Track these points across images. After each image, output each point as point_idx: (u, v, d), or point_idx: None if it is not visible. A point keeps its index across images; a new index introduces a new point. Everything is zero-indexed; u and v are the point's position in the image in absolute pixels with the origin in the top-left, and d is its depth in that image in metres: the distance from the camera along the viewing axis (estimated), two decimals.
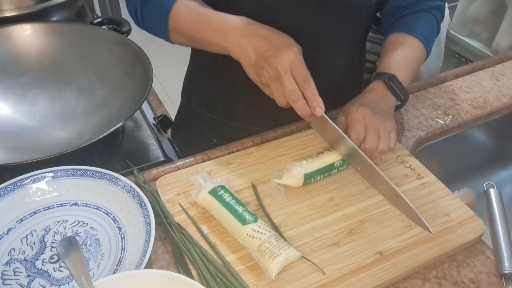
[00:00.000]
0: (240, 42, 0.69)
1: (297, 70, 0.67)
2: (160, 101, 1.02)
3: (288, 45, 0.68)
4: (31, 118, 0.94)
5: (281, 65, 0.66)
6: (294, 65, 0.67)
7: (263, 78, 0.69)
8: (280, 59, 0.66)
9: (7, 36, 0.97)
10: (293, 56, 0.67)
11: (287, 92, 0.67)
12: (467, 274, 0.65)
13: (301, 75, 0.67)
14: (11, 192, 0.68)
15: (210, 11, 0.75)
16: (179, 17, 0.75)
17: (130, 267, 0.61)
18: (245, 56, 0.69)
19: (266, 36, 0.69)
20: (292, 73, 0.67)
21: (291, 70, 0.67)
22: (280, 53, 0.66)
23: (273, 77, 0.68)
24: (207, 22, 0.73)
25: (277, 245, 0.61)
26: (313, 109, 0.68)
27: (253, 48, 0.68)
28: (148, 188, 0.72)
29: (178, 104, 1.09)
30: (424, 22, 0.87)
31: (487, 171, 1.05)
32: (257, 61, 0.68)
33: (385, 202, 0.72)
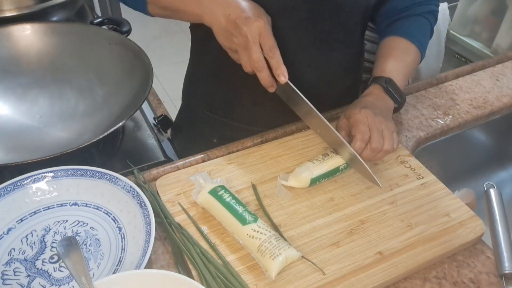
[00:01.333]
0: (212, 9, 0.71)
1: (265, 39, 0.69)
2: (160, 101, 1.02)
3: (258, 15, 0.70)
4: (31, 118, 0.94)
5: (250, 33, 0.68)
6: (262, 34, 0.69)
7: (232, 44, 0.71)
8: (249, 27, 0.68)
9: (7, 36, 0.97)
10: (262, 25, 0.68)
11: (252, 60, 0.69)
12: (467, 274, 0.65)
13: (267, 44, 0.69)
14: (11, 192, 0.68)
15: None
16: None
17: (130, 267, 0.61)
18: (217, 22, 0.71)
19: (237, 4, 0.71)
20: (259, 42, 0.69)
21: (259, 39, 0.69)
22: (250, 21, 0.68)
23: (242, 44, 0.69)
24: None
25: (277, 245, 0.61)
26: (277, 77, 0.70)
27: (224, 14, 0.70)
28: (148, 188, 0.72)
29: (178, 104, 1.09)
30: (419, 26, 0.88)
31: (487, 171, 1.05)
32: (227, 27, 0.70)
33: (385, 202, 0.72)
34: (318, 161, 0.74)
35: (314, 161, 0.74)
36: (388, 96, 0.80)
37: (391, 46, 0.86)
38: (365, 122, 0.73)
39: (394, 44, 0.86)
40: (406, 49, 0.85)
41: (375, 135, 0.72)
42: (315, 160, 0.74)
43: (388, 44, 0.87)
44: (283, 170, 0.76)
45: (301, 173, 0.72)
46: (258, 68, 0.70)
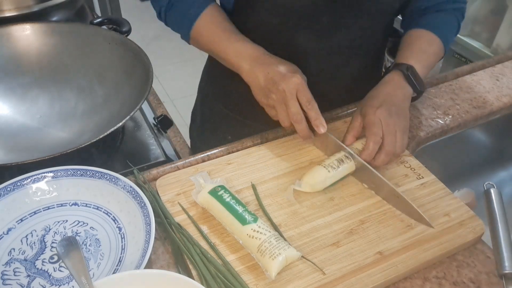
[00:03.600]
0: (253, 67, 0.77)
1: (302, 93, 0.72)
2: (160, 101, 1.02)
3: (294, 72, 0.74)
4: (31, 118, 0.94)
5: (287, 88, 0.72)
6: (299, 89, 0.72)
7: (270, 100, 0.75)
8: (287, 83, 0.72)
9: (7, 36, 0.97)
10: (298, 81, 0.72)
11: (291, 113, 0.73)
12: (467, 274, 0.65)
13: (305, 97, 0.72)
14: (11, 192, 0.68)
15: (232, 32, 0.81)
16: (202, 32, 0.82)
17: (130, 267, 0.61)
18: (256, 80, 0.76)
19: (275, 63, 0.76)
20: (297, 97, 0.72)
21: (296, 93, 0.72)
22: (287, 78, 0.72)
23: (279, 100, 0.73)
24: (227, 43, 0.80)
25: (277, 245, 0.61)
26: (316, 127, 0.73)
27: (264, 73, 0.75)
28: (148, 188, 0.72)
29: (178, 104, 1.09)
30: (444, 20, 0.88)
31: (487, 171, 1.05)
32: (266, 85, 0.74)
33: (385, 202, 0.72)
34: (333, 168, 0.72)
35: (329, 169, 0.72)
36: (408, 84, 0.81)
37: (415, 36, 0.87)
38: (379, 124, 0.73)
39: (418, 35, 0.87)
40: (429, 40, 0.86)
41: (388, 138, 0.73)
42: (330, 167, 0.72)
43: (413, 35, 0.87)
44: (283, 170, 0.76)
45: (317, 184, 0.71)
46: (297, 120, 0.73)
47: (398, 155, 0.75)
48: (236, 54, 0.79)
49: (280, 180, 0.75)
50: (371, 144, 0.73)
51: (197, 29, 0.82)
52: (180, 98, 2.59)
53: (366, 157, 0.73)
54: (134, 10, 3.21)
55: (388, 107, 0.75)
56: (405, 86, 0.81)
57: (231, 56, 0.79)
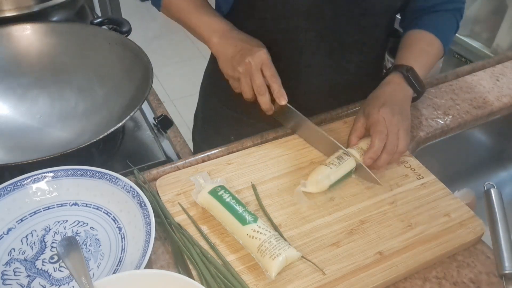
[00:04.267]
0: (222, 40, 0.80)
1: (267, 66, 0.76)
2: (160, 101, 1.02)
3: (260, 47, 0.78)
4: (31, 118, 0.94)
5: (253, 61, 0.75)
6: (264, 63, 0.76)
7: (236, 72, 0.77)
8: (253, 57, 0.75)
9: (7, 36, 0.97)
10: (264, 56, 0.76)
11: (256, 85, 0.76)
12: (467, 274, 0.65)
13: (270, 71, 0.76)
14: (11, 192, 0.68)
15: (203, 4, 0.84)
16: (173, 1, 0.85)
17: (130, 267, 0.61)
18: (224, 52, 0.79)
19: (245, 39, 0.79)
20: (261, 70, 0.76)
21: (261, 67, 0.76)
22: (253, 52, 0.76)
23: (245, 72, 0.76)
24: (197, 14, 0.83)
25: (277, 245, 0.61)
26: (278, 98, 0.76)
27: (232, 45, 0.78)
28: (148, 188, 0.72)
29: (178, 104, 1.09)
30: (443, 21, 0.89)
31: (487, 171, 1.05)
32: (233, 56, 0.77)
33: (385, 202, 0.72)
34: (335, 165, 0.73)
35: (331, 166, 0.73)
36: (408, 85, 0.81)
37: (415, 37, 0.87)
38: (383, 122, 0.74)
39: (417, 36, 0.87)
40: (429, 41, 0.86)
41: (390, 137, 0.74)
42: (332, 165, 0.73)
43: (412, 35, 0.88)
44: (283, 170, 0.76)
45: (321, 181, 0.71)
46: (261, 92, 0.76)
47: (400, 154, 0.75)
48: (206, 27, 0.82)
49: (280, 180, 0.75)
50: (376, 141, 0.73)
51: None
52: (180, 98, 2.59)
53: (372, 155, 0.74)
54: (134, 10, 3.21)
55: (390, 106, 0.76)
56: (406, 87, 0.81)
57: (201, 28, 0.82)
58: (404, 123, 0.76)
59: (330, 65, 0.89)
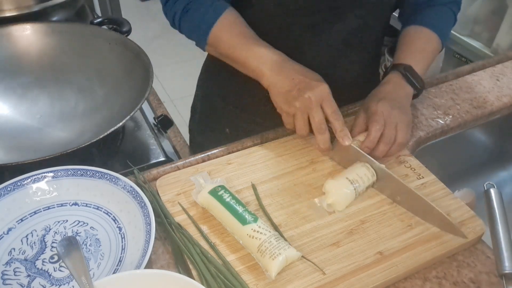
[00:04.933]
0: (275, 72, 0.75)
1: (328, 103, 0.72)
2: (160, 101, 1.02)
3: (320, 81, 0.74)
4: (31, 118, 0.94)
5: (314, 96, 0.71)
6: (325, 99, 0.72)
7: (292, 107, 0.73)
8: (314, 91, 0.71)
9: (7, 36, 0.97)
10: (325, 91, 0.72)
11: (316, 122, 0.72)
12: (467, 274, 0.65)
13: (331, 108, 0.72)
14: (11, 192, 0.68)
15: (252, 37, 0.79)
16: (220, 37, 0.80)
17: (130, 267, 0.61)
18: (278, 84, 0.74)
19: (301, 72, 0.75)
20: (321, 106, 0.72)
21: (321, 103, 0.72)
22: (314, 86, 0.72)
23: (303, 107, 0.72)
24: (247, 47, 0.78)
25: (277, 245, 0.61)
26: (341, 139, 0.73)
27: (288, 79, 0.74)
28: (148, 188, 0.72)
29: (178, 104, 1.10)
30: (440, 15, 0.89)
31: (487, 171, 1.05)
32: (290, 90, 0.73)
33: (385, 202, 0.72)
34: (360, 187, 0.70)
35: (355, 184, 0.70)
36: (407, 83, 0.82)
37: (413, 34, 0.87)
38: (381, 113, 0.75)
39: (415, 33, 0.87)
40: (427, 38, 0.87)
41: (388, 128, 0.74)
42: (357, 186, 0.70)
43: (410, 32, 0.88)
44: (283, 170, 0.76)
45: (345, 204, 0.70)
46: (321, 130, 0.72)
47: (399, 145, 0.75)
48: (257, 59, 0.77)
49: (280, 180, 0.75)
50: (372, 130, 0.74)
51: (214, 35, 0.80)
52: (180, 98, 2.59)
53: (368, 144, 0.74)
54: (134, 10, 3.21)
55: (389, 101, 0.77)
56: (405, 86, 0.82)
57: (251, 60, 0.77)
58: (404, 117, 0.76)
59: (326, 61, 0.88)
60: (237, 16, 0.82)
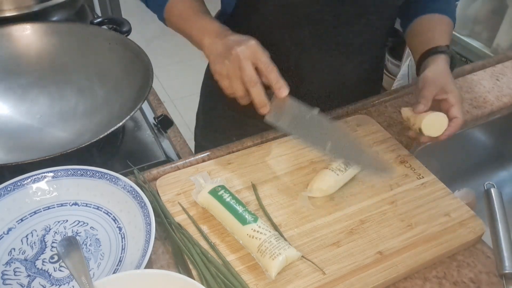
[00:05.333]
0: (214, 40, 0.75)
1: (258, 56, 0.69)
2: (160, 101, 1.02)
3: (251, 39, 0.71)
4: (31, 118, 0.94)
5: (241, 51, 0.69)
6: (254, 52, 0.69)
7: (224, 68, 0.70)
8: (241, 47, 0.69)
9: (7, 36, 0.97)
10: (253, 44, 0.69)
11: (246, 77, 0.68)
12: (467, 274, 0.65)
13: (263, 61, 0.69)
14: (11, 192, 0.68)
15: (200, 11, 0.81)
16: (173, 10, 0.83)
17: (130, 267, 0.61)
18: (213, 49, 0.73)
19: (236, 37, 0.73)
20: (252, 61, 0.69)
21: (251, 57, 0.69)
22: (242, 42, 0.70)
23: (233, 65, 0.69)
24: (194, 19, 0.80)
25: (277, 245, 0.61)
26: (278, 90, 0.69)
27: (224, 43, 0.72)
28: (148, 188, 0.72)
29: (178, 104, 1.09)
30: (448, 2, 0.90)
31: (487, 171, 1.05)
32: (222, 51, 0.71)
33: (385, 202, 0.72)
34: (341, 171, 0.72)
35: (337, 172, 0.72)
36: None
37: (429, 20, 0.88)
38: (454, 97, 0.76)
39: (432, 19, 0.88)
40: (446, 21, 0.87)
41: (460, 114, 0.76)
42: (338, 171, 0.72)
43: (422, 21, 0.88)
44: (283, 170, 0.76)
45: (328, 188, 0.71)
46: (251, 83, 0.68)
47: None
48: (200, 30, 0.78)
49: (280, 180, 0.75)
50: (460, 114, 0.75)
51: (169, 8, 0.83)
52: (180, 98, 2.59)
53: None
54: (134, 10, 3.20)
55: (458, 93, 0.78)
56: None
57: (195, 31, 0.79)
58: None
59: (330, 64, 0.89)
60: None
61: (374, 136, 0.83)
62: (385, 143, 0.82)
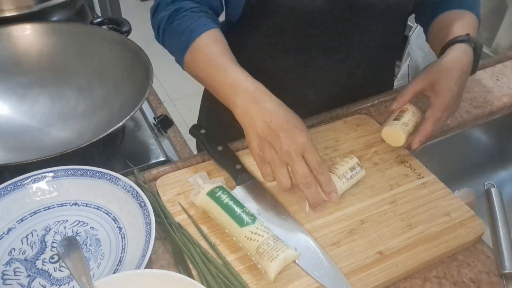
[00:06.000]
0: (249, 108, 0.66)
1: (311, 154, 0.64)
2: (160, 101, 1.02)
3: (301, 128, 0.65)
4: (31, 118, 0.94)
5: (293, 149, 0.63)
6: (306, 149, 0.64)
7: (266, 155, 0.65)
8: (292, 143, 0.63)
9: (7, 36, 0.97)
10: (306, 141, 0.64)
11: (299, 176, 0.64)
12: (467, 274, 0.65)
13: (315, 160, 0.64)
14: (12, 192, 0.68)
15: (228, 62, 0.70)
16: (197, 57, 0.73)
17: (130, 267, 0.61)
18: (252, 124, 0.66)
19: (277, 111, 0.65)
20: (304, 157, 0.64)
21: (302, 152, 0.64)
22: (294, 136, 0.63)
23: (280, 159, 0.64)
24: (221, 73, 0.70)
25: (275, 246, 0.61)
26: (328, 194, 0.66)
27: (264, 120, 0.64)
28: (148, 188, 0.72)
29: (178, 104, 1.09)
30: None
31: (487, 171, 1.05)
32: (265, 136, 0.64)
33: (385, 202, 0.72)
34: (347, 179, 0.71)
35: (343, 180, 0.70)
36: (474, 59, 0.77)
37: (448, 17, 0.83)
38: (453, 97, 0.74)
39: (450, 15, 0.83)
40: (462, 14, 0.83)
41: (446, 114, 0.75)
42: (344, 178, 0.71)
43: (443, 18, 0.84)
44: None
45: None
46: (307, 184, 0.64)
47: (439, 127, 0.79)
48: (231, 85, 0.68)
49: None
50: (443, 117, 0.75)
51: (194, 49, 0.72)
52: (180, 98, 2.59)
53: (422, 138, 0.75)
54: (134, 10, 3.20)
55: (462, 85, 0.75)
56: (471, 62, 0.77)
57: (225, 86, 0.69)
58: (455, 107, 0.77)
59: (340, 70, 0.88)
60: (220, 35, 0.74)
61: (374, 136, 0.83)
62: (385, 143, 0.82)
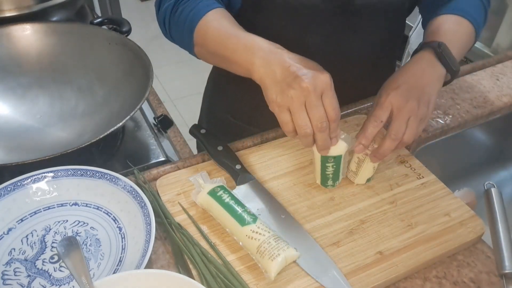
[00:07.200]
0: (267, 60, 0.63)
1: (329, 97, 0.61)
2: (160, 101, 1.02)
3: (323, 71, 0.62)
4: (31, 118, 0.94)
5: (314, 86, 0.59)
6: (326, 90, 0.61)
7: (286, 99, 0.61)
8: (314, 80, 0.60)
9: (7, 36, 0.97)
10: (326, 80, 0.61)
11: (316, 119, 0.61)
12: (467, 274, 0.65)
13: (332, 103, 0.61)
14: (12, 192, 0.68)
15: (239, 30, 0.70)
16: (206, 32, 0.71)
17: (131, 267, 0.61)
18: (271, 74, 0.63)
19: (298, 59, 0.63)
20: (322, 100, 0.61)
21: (321, 95, 0.61)
22: (316, 75, 0.60)
23: (300, 99, 0.60)
24: (234, 39, 0.68)
25: (276, 245, 0.61)
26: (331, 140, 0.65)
27: (282, 65, 0.62)
28: (148, 188, 0.72)
29: (178, 104, 1.09)
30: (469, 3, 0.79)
31: (487, 171, 1.05)
32: (284, 78, 0.61)
33: (385, 202, 0.72)
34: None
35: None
36: (440, 63, 0.70)
37: (441, 20, 0.77)
38: (387, 108, 0.66)
39: (444, 19, 0.77)
40: (457, 21, 0.77)
41: (396, 124, 0.65)
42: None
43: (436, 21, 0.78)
44: (283, 170, 0.76)
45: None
46: (322, 127, 0.61)
47: (407, 143, 0.67)
48: (245, 50, 0.65)
49: (280, 180, 0.75)
50: (369, 126, 0.66)
51: (199, 33, 0.72)
52: (180, 98, 2.59)
53: (362, 140, 0.66)
54: (134, 10, 3.21)
55: (406, 90, 0.66)
56: (437, 65, 0.71)
57: (240, 53, 0.66)
58: (421, 110, 0.66)
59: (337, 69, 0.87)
60: (226, 12, 0.73)
61: None
62: None
